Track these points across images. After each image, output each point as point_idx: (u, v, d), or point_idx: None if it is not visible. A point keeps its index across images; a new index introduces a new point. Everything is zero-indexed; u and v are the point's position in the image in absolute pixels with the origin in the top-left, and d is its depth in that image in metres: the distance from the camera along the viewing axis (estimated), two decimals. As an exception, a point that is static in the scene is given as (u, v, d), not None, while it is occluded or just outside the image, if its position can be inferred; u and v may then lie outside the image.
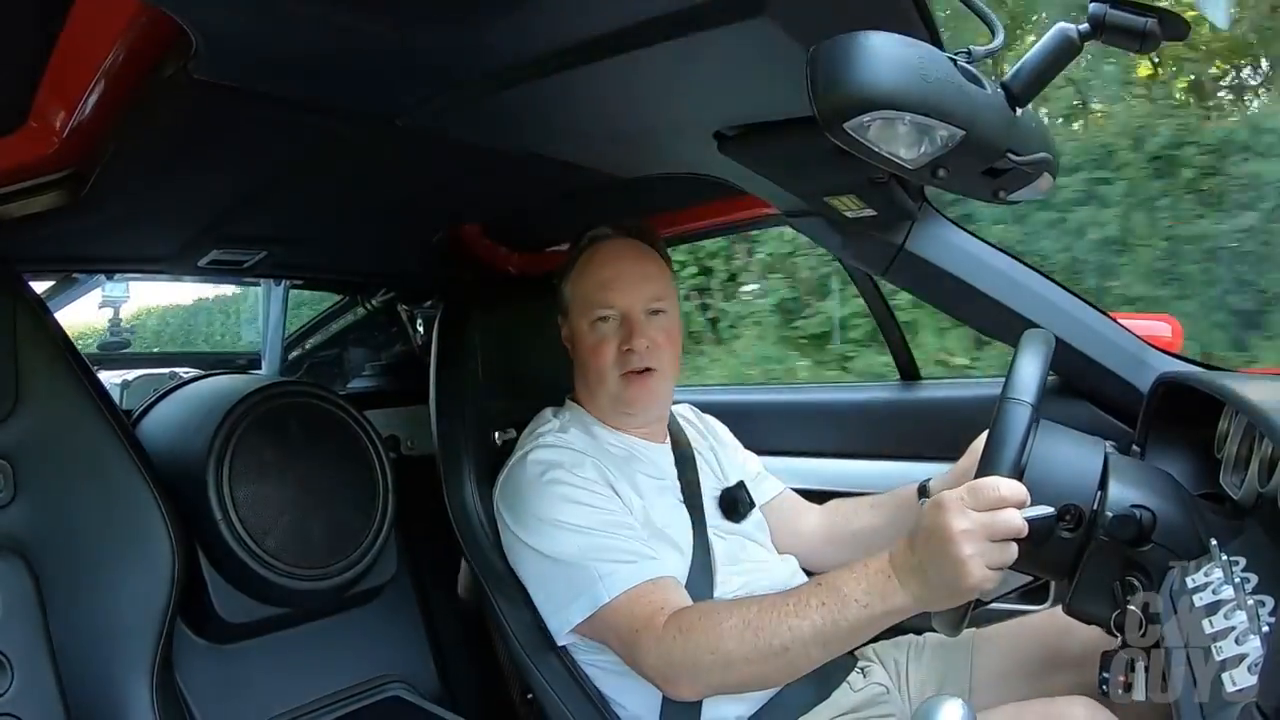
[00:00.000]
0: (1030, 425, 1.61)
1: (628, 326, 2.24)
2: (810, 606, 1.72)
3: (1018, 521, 1.53)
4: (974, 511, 1.54)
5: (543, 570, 2.10)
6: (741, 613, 1.79)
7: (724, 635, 1.78)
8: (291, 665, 2.52)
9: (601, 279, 2.27)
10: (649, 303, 2.26)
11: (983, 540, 1.53)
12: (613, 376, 2.24)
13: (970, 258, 2.31)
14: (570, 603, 2.02)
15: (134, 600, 1.97)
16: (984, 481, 1.56)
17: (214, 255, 2.55)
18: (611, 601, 1.96)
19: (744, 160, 1.92)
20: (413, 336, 3.51)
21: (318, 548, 2.36)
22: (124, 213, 2.11)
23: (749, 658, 1.76)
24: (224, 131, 1.75)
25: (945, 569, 1.56)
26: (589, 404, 2.35)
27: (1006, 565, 1.56)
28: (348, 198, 2.33)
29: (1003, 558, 1.55)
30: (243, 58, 1.42)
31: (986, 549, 1.53)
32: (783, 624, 1.73)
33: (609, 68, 1.47)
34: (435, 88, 1.63)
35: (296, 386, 2.52)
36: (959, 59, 1.29)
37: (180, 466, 2.21)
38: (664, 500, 2.25)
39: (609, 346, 2.24)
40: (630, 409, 2.29)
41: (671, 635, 1.85)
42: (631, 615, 1.94)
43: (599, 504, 2.09)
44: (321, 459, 2.43)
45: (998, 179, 1.46)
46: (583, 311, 2.27)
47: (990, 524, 1.53)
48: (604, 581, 1.97)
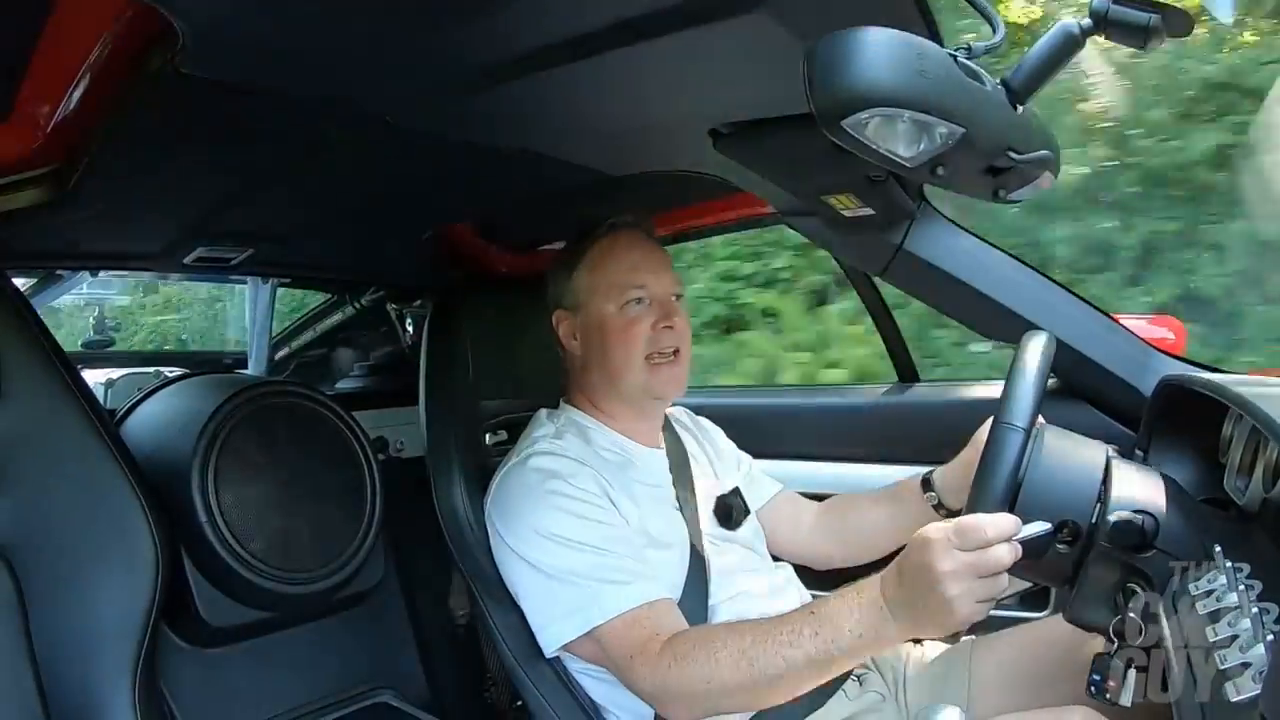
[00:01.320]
0: (1023, 451, 1.60)
1: (661, 307, 2.23)
2: (804, 636, 1.72)
3: (1006, 559, 1.53)
4: (960, 552, 1.54)
5: (535, 584, 2.08)
6: (736, 641, 1.80)
7: (719, 664, 1.79)
8: (277, 670, 2.52)
9: (631, 261, 2.26)
10: (673, 288, 2.27)
11: (969, 579, 1.54)
12: (638, 362, 2.22)
13: (970, 258, 2.31)
14: (563, 619, 2.02)
15: (116, 603, 1.96)
16: (971, 522, 1.56)
17: (200, 252, 2.54)
18: (606, 624, 1.96)
19: (740, 158, 1.92)
20: (402, 336, 3.51)
21: (304, 551, 2.35)
22: (109, 209, 2.11)
23: (744, 685, 1.78)
24: (211, 127, 1.75)
25: (932, 606, 1.57)
26: (597, 399, 2.34)
27: (996, 597, 1.57)
28: (336, 195, 2.33)
29: (991, 592, 1.56)
30: (230, 52, 1.42)
31: (973, 586, 1.54)
32: (777, 654, 1.74)
33: (603, 63, 1.48)
34: (425, 84, 1.63)
35: (283, 387, 2.52)
36: (959, 55, 1.29)
37: (165, 467, 2.21)
38: (659, 508, 2.23)
39: (641, 327, 2.21)
40: (659, 394, 2.27)
41: (667, 663, 1.85)
42: (626, 639, 1.94)
43: (597, 517, 2.07)
44: (309, 461, 2.42)
45: (998, 177, 1.47)
46: (611, 295, 2.25)
47: (976, 563, 1.54)
48: (599, 602, 1.97)
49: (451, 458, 2.42)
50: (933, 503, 2.20)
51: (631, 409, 2.32)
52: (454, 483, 2.38)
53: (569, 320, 2.33)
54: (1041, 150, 1.43)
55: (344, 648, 2.70)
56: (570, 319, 2.33)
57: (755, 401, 3.71)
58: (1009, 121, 1.37)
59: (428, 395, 2.55)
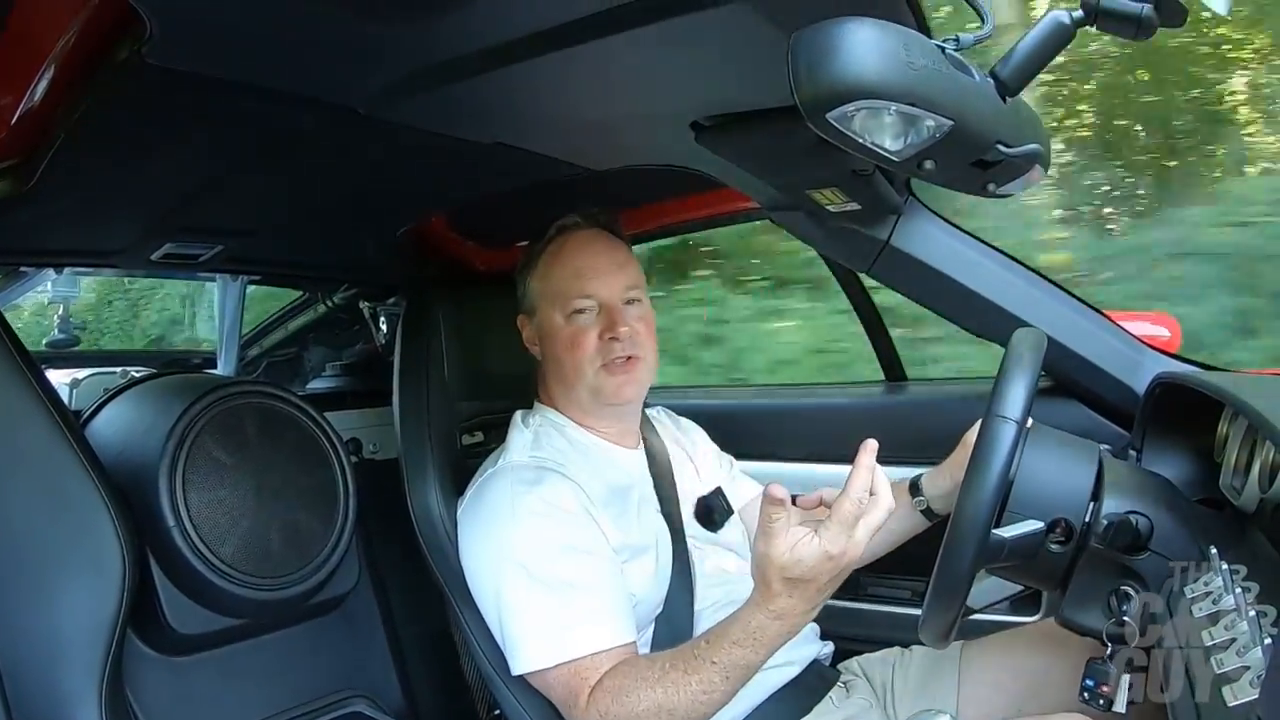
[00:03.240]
0: (1016, 444, 1.59)
1: (608, 315, 2.21)
2: (707, 665, 1.77)
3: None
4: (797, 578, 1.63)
5: (500, 610, 2.06)
6: (656, 696, 1.82)
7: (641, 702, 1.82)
8: (248, 679, 2.50)
9: (576, 268, 2.24)
10: (625, 292, 2.25)
11: (815, 587, 1.64)
12: (592, 370, 2.20)
13: (959, 254, 2.31)
14: (523, 649, 2.00)
15: (82, 610, 1.95)
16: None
17: (168, 249, 2.52)
18: (549, 669, 1.96)
19: (722, 152, 1.92)
20: (375, 335, 3.49)
21: (275, 556, 2.35)
22: (74, 204, 2.10)
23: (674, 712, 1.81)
24: (180, 119, 1.75)
25: (803, 608, 1.67)
26: (562, 405, 2.32)
27: (866, 521, 1.61)
28: (308, 190, 2.33)
29: (836, 581, 1.65)
30: (198, 42, 1.42)
31: (824, 584, 1.64)
32: (697, 699, 1.78)
33: (581, 54, 1.47)
34: (397, 76, 1.62)
35: (254, 387, 2.51)
36: (947, 46, 1.29)
37: (132, 470, 2.20)
38: (640, 511, 2.23)
39: (588, 338, 2.20)
40: (615, 400, 2.24)
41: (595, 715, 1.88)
42: (565, 686, 1.95)
43: (572, 539, 2.05)
44: (280, 463, 2.41)
45: (987, 171, 1.47)
46: (556, 304, 2.24)
47: (814, 572, 1.62)
48: (563, 641, 1.96)
49: (426, 460, 2.41)
50: (921, 507, 2.20)
51: (595, 413, 2.31)
52: (428, 486, 2.37)
53: (529, 326, 2.35)
54: (1031, 144, 1.43)
55: (317, 655, 2.68)
56: (529, 324, 2.34)
57: (736, 402, 3.71)
58: (998, 114, 1.37)
59: (401, 396, 2.53)
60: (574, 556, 2.03)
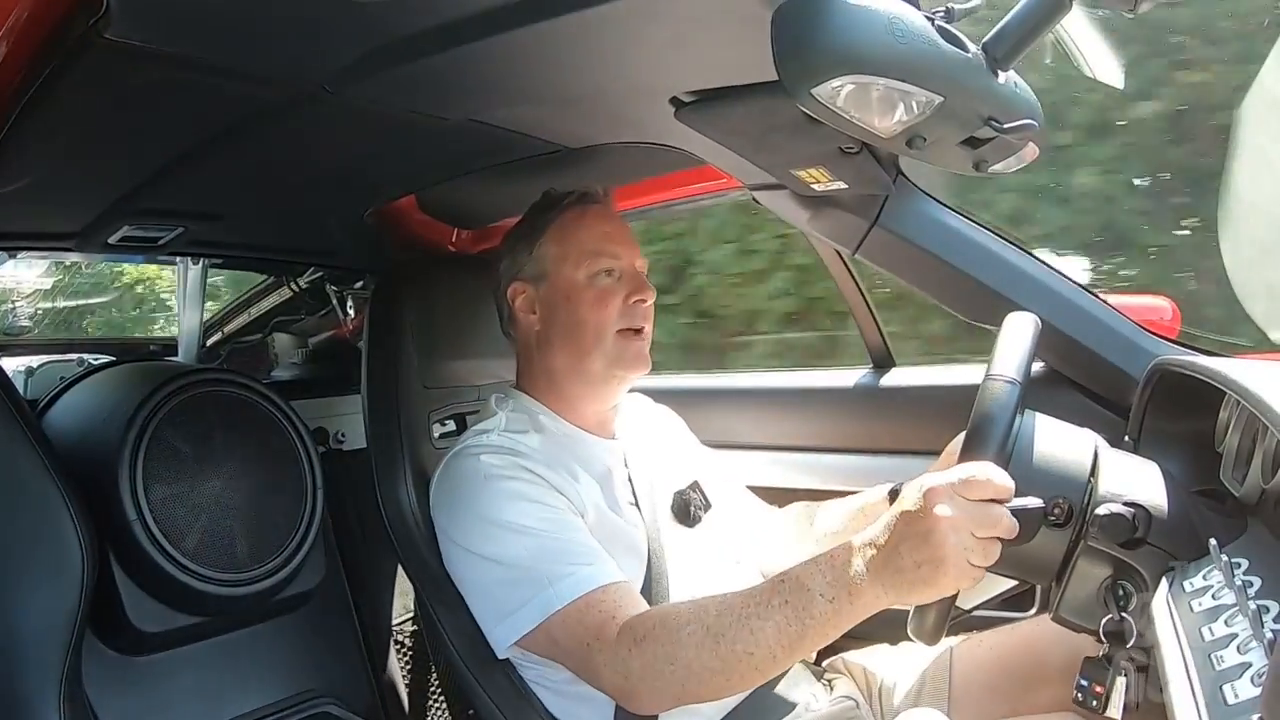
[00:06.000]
0: (1017, 403, 1.59)
1: (633, 280, 2.22)
2: (773, 606, 1.68)
3: (1008, 520, 1.50)
4: (963, 499, 1.50)
5: (485, 576, 2.05)
6: (700, 617, 1.76)
7: (682, 644, 1.75)
8: (212, 679, 2.50)
9: (605, 232, 2.24)
10: (643, 264, 2.26)
11: (968, 534, 1.49)
12: (609, 334, 2.20)
13: (949, 234, 2.31)
14: (517, 610, 1.97)
15: (39, 608, 1.95)
16: (974, 469, 1.52)
17: (126, 231, 2.51)
18: (562, 609, 1.91)
19: (703, 129, 1.92)
20: (343, 320, 3.48)
21: (239, 551, 2.35)
22: (27, 186, 2.08)
23: (710, 666, 1.73)
24: (138, 97, 1.73)
25: (922, 559, 1.52)
26: (543, 390, 2.31)
27: (988, 565, 1.53)
28: (272, 170, 2.32)
29: (986, 556, 1.51)
30: (156, 16, 1.41)
31: (971, 545, 1.49)
32: (744, 627, 1.69)
33: (555, 27, 1.47)
34: (364, 50, 1.61)
35: (216, 375, 2.51)
36: (937, 18, 1.29)
37: (90, 461, 2.19)
38: (615, 503, 2.21)
39: (614, 299, 2.20)
40: (631, 367, 2.23)
41: (627, 648, 1.81)
42: (582, 626, 1.89)
43: (546, 499, 2.04)
44: (243, 454, 2.41)
45: (979, 149, 1.47)
46: (581, 263, 2.22)
47: (980, 517, 1.49)
48: (554, 587, 1.92)
49: (396, 450, 2.39)
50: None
51: (590, 391, 2.29)
52: (399, 477, 2.35)
53: (528, 292, 2.30)
54: (1025, 119, 1.43)
55: (283, 654, 2.68)
56: (530, 290, 2.30)
57: (717, 385, 3.69)
58: (990, 89, 1.37)
59: (370, 383, 2.51)
60: (551, 512, 2.02)
